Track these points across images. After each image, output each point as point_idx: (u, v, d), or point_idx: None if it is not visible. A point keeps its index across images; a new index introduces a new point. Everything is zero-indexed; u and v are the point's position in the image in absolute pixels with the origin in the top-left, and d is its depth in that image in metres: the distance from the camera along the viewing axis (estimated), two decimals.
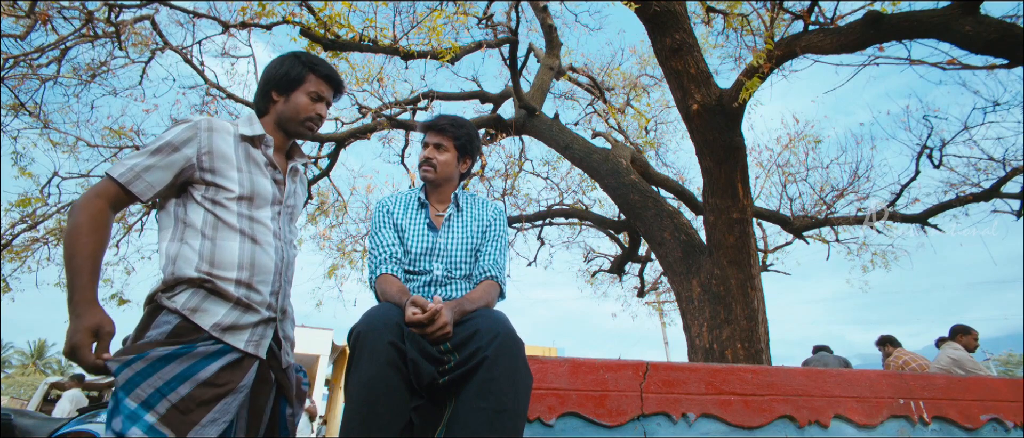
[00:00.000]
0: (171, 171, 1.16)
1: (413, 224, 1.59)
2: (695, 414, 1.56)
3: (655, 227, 4.60)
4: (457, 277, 1.54)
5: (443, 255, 1.55)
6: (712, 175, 4.03)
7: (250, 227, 1.19)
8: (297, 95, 1.33)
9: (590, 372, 1.52)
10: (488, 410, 1.08)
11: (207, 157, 1.18)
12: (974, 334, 4.99)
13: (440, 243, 1.56)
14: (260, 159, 1.27)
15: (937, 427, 1.87)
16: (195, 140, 1.19)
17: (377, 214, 1.62)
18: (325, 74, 1.37)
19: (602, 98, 8.22)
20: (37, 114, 5.49)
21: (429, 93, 7.04)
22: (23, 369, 34.90)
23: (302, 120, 1.34)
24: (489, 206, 1.70)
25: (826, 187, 7.23)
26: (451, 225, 1.60)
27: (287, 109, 1.33)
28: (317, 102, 1.35)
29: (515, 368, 1.14)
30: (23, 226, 5.93)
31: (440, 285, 1.51)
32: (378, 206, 1.64)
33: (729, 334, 3.83)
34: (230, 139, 1.24)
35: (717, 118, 3.84)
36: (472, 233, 1.61)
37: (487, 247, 1.59)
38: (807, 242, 7.32)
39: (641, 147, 8.14)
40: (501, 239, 1.63)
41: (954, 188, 6.24)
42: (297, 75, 1.34)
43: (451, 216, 1.62)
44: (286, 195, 1.31)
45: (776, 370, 1.76)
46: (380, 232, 1.57)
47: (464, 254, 1.57)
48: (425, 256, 1.55)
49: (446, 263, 1.54)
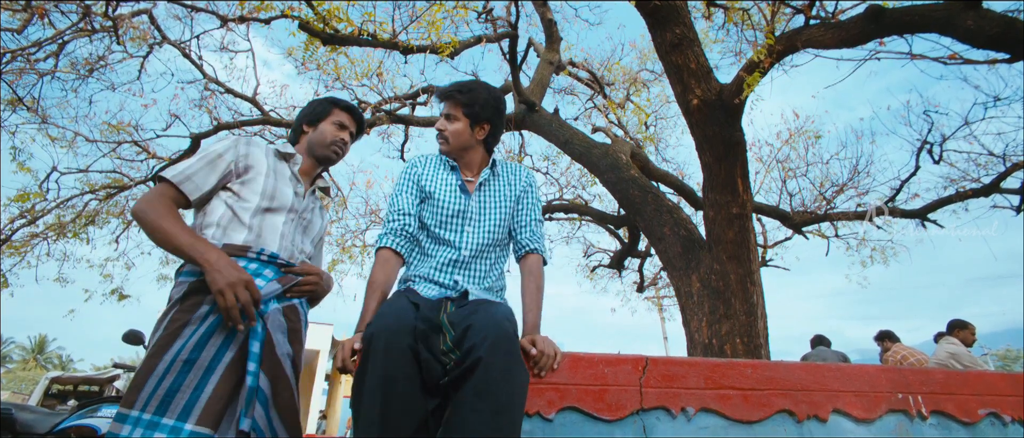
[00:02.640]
0: (215, 174, 1.35)
1: (444, 185, 1.51)
2: (694, 408, 1.57)
3: (655, 222, 4.59)
4: (487, 245, 1.48)
5: (475, 220, 1.49)
6: (712, 170, 4.02)
7: (259, 225, 1.34)
8: (324, 125, 1.56)
9: (589, 367, 1.52)
10: (485, 411, 1.07)
11: (244, 163, 1.39)
12: (971, 329, 5.01)
13: (473, 206, 1.50)
14: (286, 172, 1.48)
15: (935, 421, 1.87)
16: (234, 149, 1.40)
17: (402, 175, 1.55)
18: (346, 107, 1.60)
19: (602, 93, 8.20)
20: (35, 109, 5.47)
21: (429, 88, 7.01)
22: (24, 364, 35.00)
23: (328, 144, 1.54)
24: (522, 172, 1.62)
25: (826, 182, 7.23)
26: (485, 190, 1.54)
27: (315, 136, 1.55)
28: (341, 130, 1.57)
29: (509, 366, 1.13)
30: (22, 221, 5.92)
31: (465, 266, 1.44)
32: (407, 166, 1.58)
33: (728, 329, 3.83)
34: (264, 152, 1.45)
35: (717, 113, 3.83)
36: (506, 197, 1.55)
37: (522, 217, 1.55)
38: (806, 237, 7.32)
39: (641, 142, 8.13)
40: (536, 207, 1.58)
41: (954, 183, 6.24)
42: (323, 110, 1.57)
43: (487, 181, 1.55)
44: (303, 207, 1.48)
45: (775, 365, 1.76)
46: (399, 196, 1.50)
47: (498, 218, 1.51)
48: (456, 218, 1.48)
49: (477, 229, 1.48)
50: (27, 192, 5.74)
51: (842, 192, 7.07)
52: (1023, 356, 28.60)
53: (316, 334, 15.04)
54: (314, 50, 5.26)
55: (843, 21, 3.70)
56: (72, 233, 6.39)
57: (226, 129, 6.70)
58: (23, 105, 5.34)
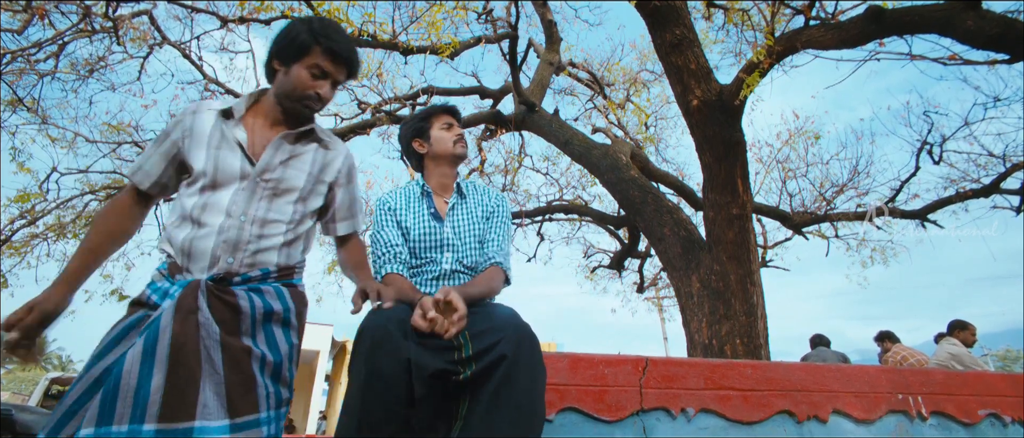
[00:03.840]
0: (164, 158, 1.19)
1: (417, 217, 1.54)
2: (694, 409, 1.57)
3: (655, 223, 4.60)
4: (466, 267, 1.50)
5: (452, 245, 1.51)
6: (712, 171, 4.02)
7: (200, 212, 1.11)
8: (297, 68, 1.19)
9: (590, 367, 1.53)
10: (509, 410, 1.06)
11: (188, 139, 1.17)
12: (972, 329, 5.00)
13: (447, 233, 1.52)
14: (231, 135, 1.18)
15: (935, 422, 1.87)
16: (181, 124, 1.19)
17: (378, 213, 1.57)
18: (330, 48, 1.19)
19: (602, 94, 8.20)
20: (35, 110, 5.47)
21: (428, 88, 7.02)
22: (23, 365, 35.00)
23: (298, 97, 1.20)
24: (492, 193, 1.67)
25: (826, 183, 7.24)
26: (456, 214, 1.57)
27: (285, 82, 1.21)
28: (318, 79, 1.20)
29: (534, 366, 1.13)
30: (22, 222, 5.92)
31: (448, 278, 1.48)
32: (378, 204, 1.60)
33: (728, 330, 3.83)
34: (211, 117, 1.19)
35: (717, 114, 3.83)
36: (478, 219, 1.57)
37: (491, 233, 1.56)
38: (806, 238, 7.33)
39: (641, 143, 8.13)
40: (505, 225, 1.60)
41: (954, 184, 6.25)
42: (301, 44, 1.19)
43: (456, 205, 1.58)
44: (259, 168, 1.16)
45: (775, 365, 1.76)
46: (383, 231, 1.52)
47: (472, 242, 1.54)
48: (433, 248, 1.50)
49: (455, 253, 1.50)
50: (27, 192, 5.74)
51: (842, 192, 7.08)
52: (1023, 356, 28.59)
53: (316, 334, 15.00)
54: None
55: (843, 22, 3.70)
56: (72, 234, 6.39)
57: None
58: (23, 106, 5.34)
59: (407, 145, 1.67)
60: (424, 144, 1.64)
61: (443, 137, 1.62)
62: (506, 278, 1.50)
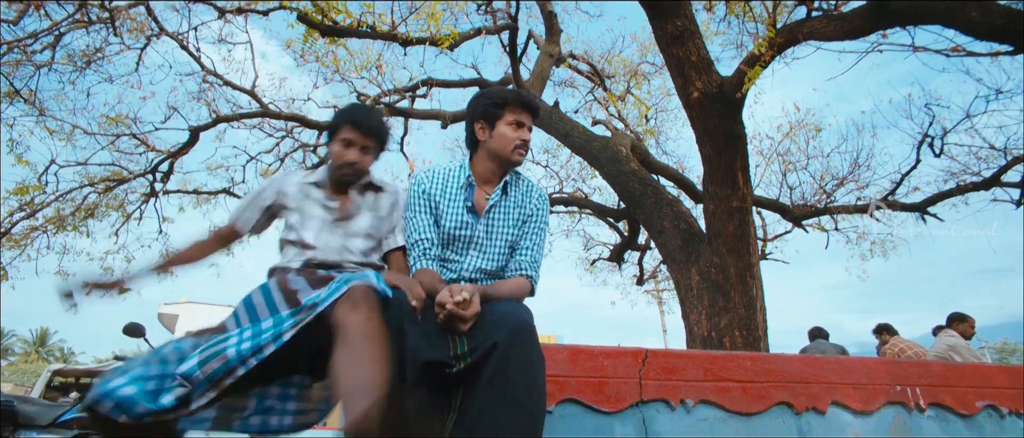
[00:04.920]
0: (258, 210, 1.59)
1: (453, 207, 1.44)
2: (693, 400, 1.58)
3: (655, 215, 4.59)
4: (488, 274, 1.42)
5: (482, 245, 1.42)
6: (712, 163, 4.01)
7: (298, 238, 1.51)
8: (332, 145, 1.54)
9: (589, 359, 1.53)
10: (501, 399, 1.03)
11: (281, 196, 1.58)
12: (971, 322, 5.02)
13: (479, 232, 1.42)
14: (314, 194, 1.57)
15: (933, 413, 1.88)
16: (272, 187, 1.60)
17: (413, 195, 1.47)
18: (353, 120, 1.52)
19: (602, 86, 8.16)
20: (32, 101, 5.44)
21: (428, 80, 6.98)
22: (25, 357, 35.14)
23: (338, 167, 1.53)
24: (534, 191, 1.53)
25: (826, 176, 7.22)
26: (494, 213, 1.45)
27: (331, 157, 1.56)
28: (347, 148, 1.52)
29: (530, 356, 1.09)
30: (22, 214, 5.91)
31: (469, 281, 1.40)
32: (414, 183, 1.50)
33: (727, 322, 3.84)
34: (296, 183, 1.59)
35: (718, 106, 3.81)
36: (514, 222, 1.46)
37: (526, 240, 1.45)
38: (806, 231, 7.33)
39: (641, 135, 8.11)
40: (541, 231, 1.49)
41: (954, 177, 6.23)
42: (334, 125, 1.56)
43: (496, 204, 1.46)
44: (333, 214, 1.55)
45: (774, 357, 1.77)
46: (415, 219, 1.43)
47: (503, 246, 1.44)
48: (459, 243, 1.42)
49: (482, 255, 1.42)
50: (26, 185, 5.73)
51: (842, 185, 7.07)
52: (1022, 349, 28.73)
53: None
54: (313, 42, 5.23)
55: (845, 13, 3.67)
56: (72, 226, 6.39)
57: (225, 122, 6.68)
58: (20, 97, 5.31)
59: (470, 121, 1.52)
60: (486, 131, 1.48)
61: (508, 136, 1.45)
62: (532, 290, 1.43)
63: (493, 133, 1.47)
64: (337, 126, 1.54)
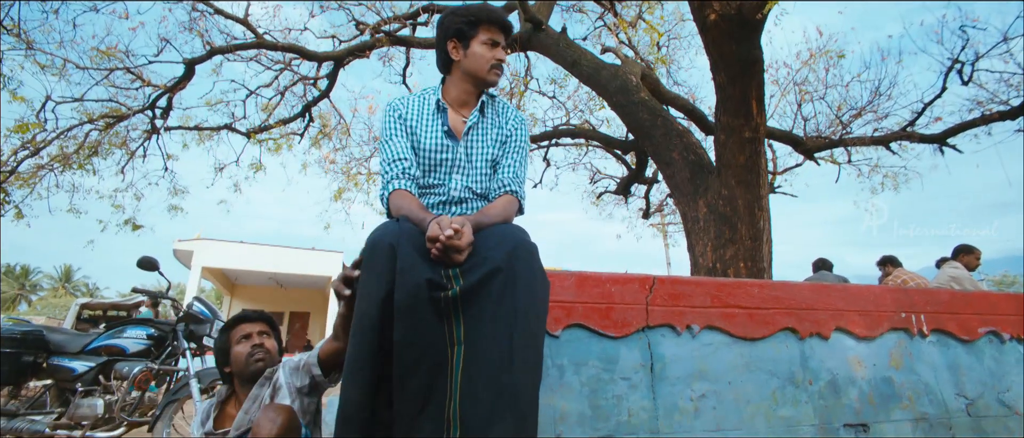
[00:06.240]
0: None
1: (429, 131, 1.41)
2: (699, 326, 1.60)
3: (664, 147, 4.48)
4: (476, 194, 1.41)
5: (464, 168, 1.40)
6: (726, 91, 3.84)
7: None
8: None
9: (596, 285, 1.53)
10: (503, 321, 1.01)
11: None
12: (977, 253, 5.02)
13: (461, 154, 1.40)
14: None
15: (934, 339, 1.91)
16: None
17: (387, 119, 1.42)
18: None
19: (612, 11, 7.69)
20: (17, 33, 5.23)
21: (430, 7, 6.60)
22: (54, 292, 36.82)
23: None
24: (511, 113, 1.51)
25: (844, 106, 6.94)
26: (473, 135, 1.43)
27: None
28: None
29: (530, 278, 1.06)
30: (25, 152, 5.89)
31: (456, 203, 1.39)
32: (387, 109, 1.44)
33: (733, 253, 3.86)
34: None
35: (736, 29, 3.58)
36: (492, 141, 1.44)
37: (507, 158, 1.44)
38: (818, 164, 7.17)
39: (652, 64, 7.75)
40: (522, 150, 1.47)
41: (980, 105, 5.96)
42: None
43: (474, 125, 1.44)
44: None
45: (781, 284, 1.77)
46: (391, 141, 1.39)
47: (485, 167, 1.42)
48: (442, 169, 1.39)
49: (466, 177, 1.40)
50: (25, 122, 5.66)
51: (860, 116, 6.81)
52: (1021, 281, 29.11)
53: (326, 260, 15.36)
54: None
55: None
56: (77, 164, 6.38)
57: (220, 54, 6.43)
58: (3, 29, 5.10)
59: (442, 41, 1.46)
60: (459, 50, 1.44)
61: (483, 56, 1.41)
62: (520, 207, 1.41)
63: (467, 52, 1.43)
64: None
